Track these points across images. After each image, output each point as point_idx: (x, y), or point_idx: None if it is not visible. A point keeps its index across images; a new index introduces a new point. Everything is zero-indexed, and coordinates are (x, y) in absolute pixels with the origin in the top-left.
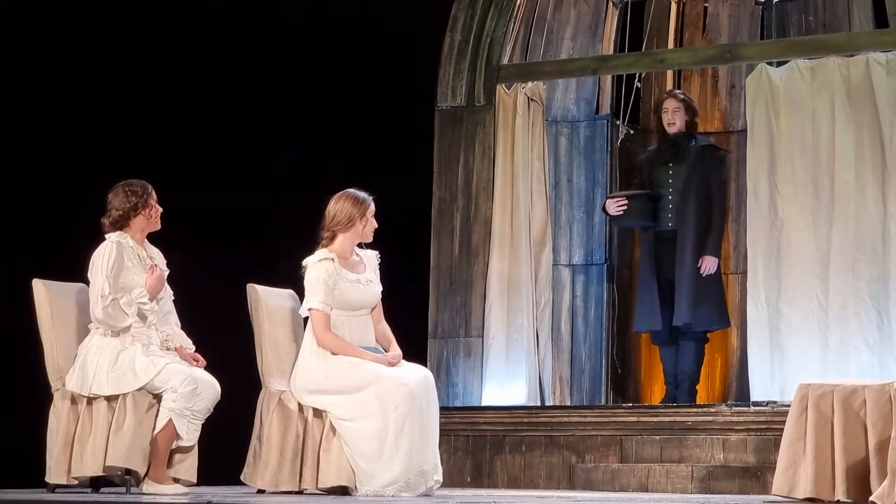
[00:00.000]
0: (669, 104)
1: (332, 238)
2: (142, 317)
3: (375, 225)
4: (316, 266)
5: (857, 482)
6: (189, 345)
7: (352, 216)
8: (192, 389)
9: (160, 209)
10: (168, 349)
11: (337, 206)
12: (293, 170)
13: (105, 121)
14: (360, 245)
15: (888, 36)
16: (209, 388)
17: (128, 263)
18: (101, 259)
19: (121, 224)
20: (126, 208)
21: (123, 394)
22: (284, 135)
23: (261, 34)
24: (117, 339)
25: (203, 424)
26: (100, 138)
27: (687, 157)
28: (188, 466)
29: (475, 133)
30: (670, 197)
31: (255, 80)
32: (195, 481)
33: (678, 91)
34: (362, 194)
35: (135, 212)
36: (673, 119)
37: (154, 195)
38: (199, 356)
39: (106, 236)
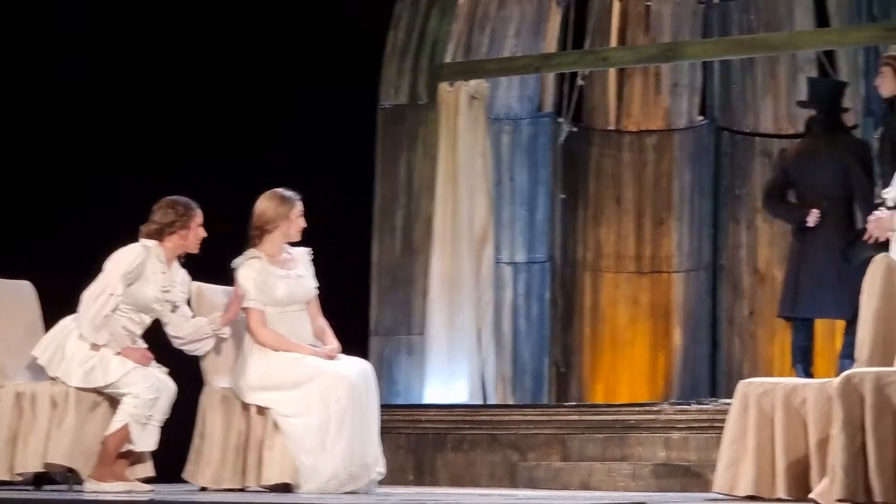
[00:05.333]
0: None
1: (261, 237)
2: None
3: (303, 224)
4: (244, 265)
5: (797, 480)
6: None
7: (278, 216)
8: (154, 398)
9: (203, 233)
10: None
11: (263, 206)
12: (235, 169)
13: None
14: (292, 243)
15: (829, 35)
16: (167, 390)
17: (147, 275)
18: (126, 259)
19: (155, 237)
20: (163, 224)
21: (66, 391)
22: (224, 133)
23: (199, 29)
24: None
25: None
26: (63, 140)
27: None
28: (145, 462)
29: (418, 131)
30: None
31: (188, 76)
32: (154, 473)
33: None
34: (289, 193)
35: (171, 229)
36: None
37: (198, 218)
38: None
39: (140, 239)
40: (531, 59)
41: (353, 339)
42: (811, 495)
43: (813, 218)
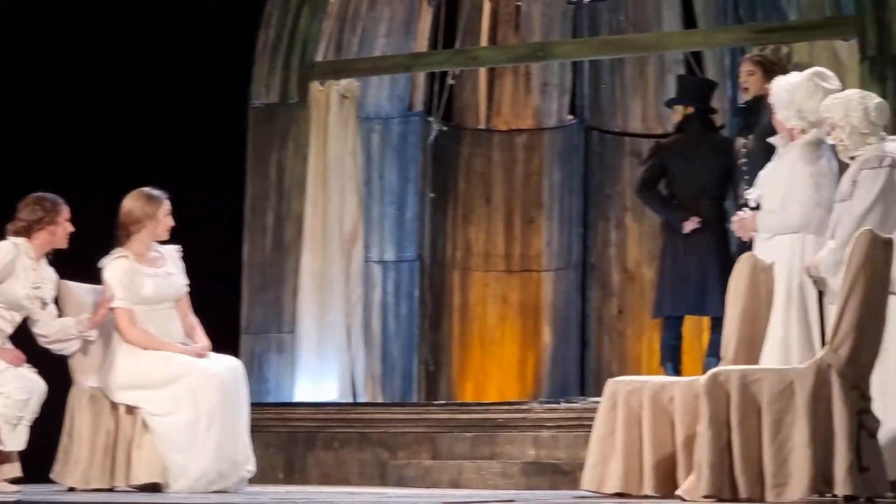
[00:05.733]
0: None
1: (128, 236)
2: None
3: (171, 223)
4: (111, 265)
5: (664, 477)
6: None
7: (144, 215)
8: (25, 399)
9: (70, 228)
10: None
11: (129, 205)
12: (103, 167)
13: None
14: (161, 241)
15: (696, 36)
16: (38, 390)
17: (18, 272)
18: None
19: (23, 235)
20: (31, 221)
21: None
22: (93, 130)
23: (67, 24)
24: None
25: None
26: None
27: None
28: (13, 462)
29: (288, 130)
30: None
31: (55, 73)
32: (21, 473)
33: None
34: (156, 192)
35: (39, 225)
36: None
37: (65, 213)
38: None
39: (8, 237)
40: (402, 58)
41: (224, 338)
42: (678, 492)
43: (691, 225)
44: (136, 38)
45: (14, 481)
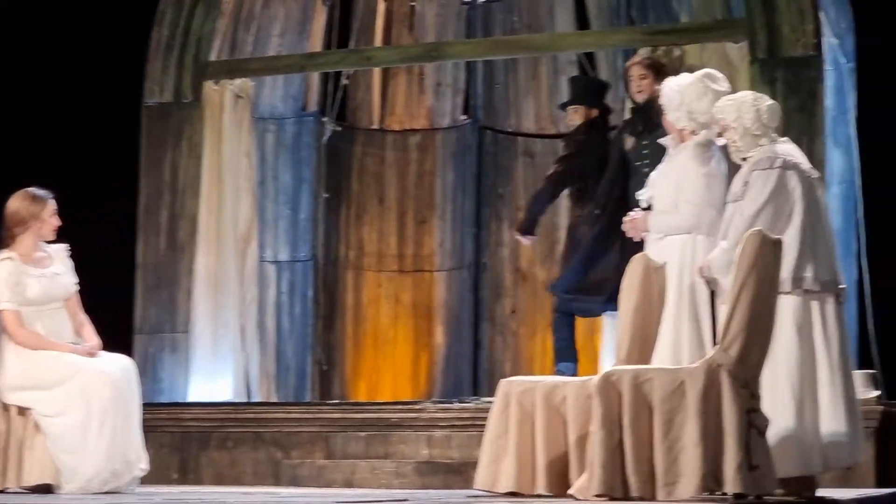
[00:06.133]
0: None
1: (13, 238)
2: None
3: (57, 223)
4: None
5: (557, 476)
6: None
7: (30, 215)
8: None
9: None
10: None
11: (14, 206)
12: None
13: None
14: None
15: (589, 37)
16: None
17: None
18: None
19: None
20: None
21: None
22: None
23: None
24: None
25: None
26: None
27: None
28: None
29: (182, 129)
30: None
31: None
32: None
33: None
34: (41, 192)
35: None
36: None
37: None
38: None
39: None
40: (296, 58)
41: (118, 337)
42: (570, 491)
43: (525, 241)
44: (25, 35)
45: None
